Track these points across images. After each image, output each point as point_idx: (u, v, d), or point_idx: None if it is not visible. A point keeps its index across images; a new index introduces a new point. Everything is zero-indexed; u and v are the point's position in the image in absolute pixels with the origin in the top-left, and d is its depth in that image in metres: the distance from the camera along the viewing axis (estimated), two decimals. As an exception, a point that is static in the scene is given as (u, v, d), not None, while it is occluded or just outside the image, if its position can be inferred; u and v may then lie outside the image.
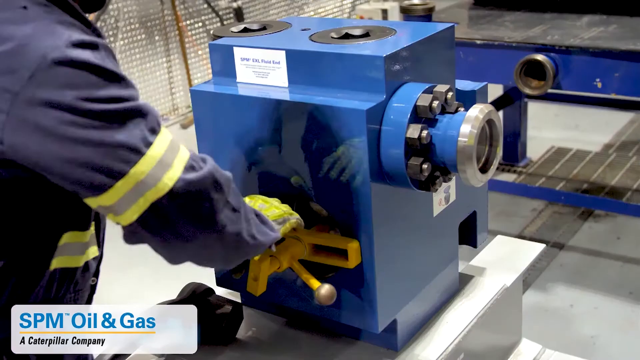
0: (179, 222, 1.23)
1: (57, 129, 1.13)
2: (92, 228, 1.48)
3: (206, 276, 1.86)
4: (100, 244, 1.55)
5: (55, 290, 1.43)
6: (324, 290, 1.60)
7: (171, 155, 1.23)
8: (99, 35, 1.30)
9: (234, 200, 1.33)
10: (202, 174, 1.26)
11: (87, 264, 1.50)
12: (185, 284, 1.93)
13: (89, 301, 1.59)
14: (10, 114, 1.13)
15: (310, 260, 1.72)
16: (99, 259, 1.56)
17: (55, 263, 1.40)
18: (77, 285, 1.49)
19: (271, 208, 1.59)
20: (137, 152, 1.18)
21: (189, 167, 1.25)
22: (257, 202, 1.62)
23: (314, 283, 1.63)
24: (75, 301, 1.49)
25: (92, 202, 1.23)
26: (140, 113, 1.20)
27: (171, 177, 1.21)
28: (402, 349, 1.84)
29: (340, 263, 1.67)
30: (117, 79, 1.19)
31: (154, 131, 1.22)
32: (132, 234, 1.26)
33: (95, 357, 1.75)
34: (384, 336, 1.81)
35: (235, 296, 2.00)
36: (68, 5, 1.26)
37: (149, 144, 1.19)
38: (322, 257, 1.71)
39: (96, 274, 1.57)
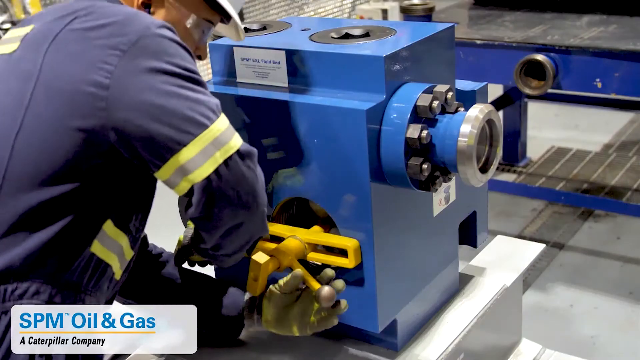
0: (245, 180, 1.42)
1: (154, 83, 1.35)
2: (130, 254, 1.55)
3: (206, 276, 1.87)
4: (126, 271, 1.60)
5: (88, 278, 1.46)
6: (324, 291, 1.60)
7: (233, 128, 1.45)
8: None
9: None
10: (250, 146, 1.46)
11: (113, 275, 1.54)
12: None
13: None
14: (117, 67, 1.35)
15: (310, 260, 1.72)
16: (119, 283, 1.60)
17: (95, 246, 1.46)
18: (101, 288, 1.51)
19: None
20: (214, 112, 1.41)
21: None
22: None
23: (314, 285, 1.63)
24: (96, 299, 1.52)
25: (170, 164, 1.37)
26: (208, 91, 1.44)
27: (237, 140, 1.43)
28: (402, 349, 1.84)
29: (340, 262, 1.67)
30: (192, 56, 1.44)
31: (219, 107, 1.45)
32: (204, 193, 1.39)
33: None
34: (384, 336, 1.82)
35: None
36: None
37: (220, 111, 1.43)
38: (322, 257, 1.71)
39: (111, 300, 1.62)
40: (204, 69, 6.81)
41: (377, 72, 1.60)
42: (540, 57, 3.35)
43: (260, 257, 1.64)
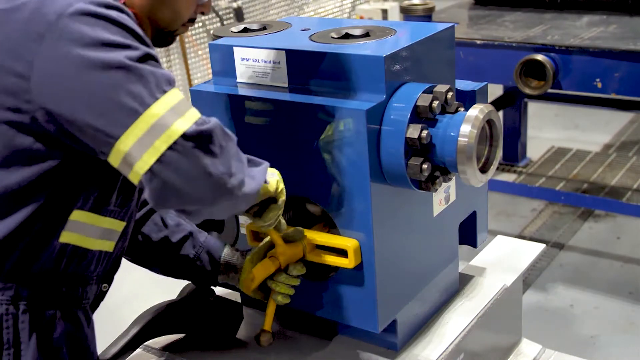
0: (195, 169, 1.29)
1: (76, 71, 1.24)
2: (122, 227, 1.51)
3: (206, 276, 1.87)
4: (123, 248, 1.58)
5: (65, 265, 1.44)
6: (265, 337, 1.69)
7: (183, 107, 1.32)
8: None
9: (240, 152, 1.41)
10: (211, 125, 1.33)
11: (103, 253, 1.51)
12: (185, 285, 1.93)
13: (96, 305, 1.59)
14: (36, 56, 1.24)
15: (310, 260, 1.72)
16: (115, 266, 1.58)
17: (65, 237, 1.42)
18: (89, 268, 1.49)
19: None
20: (151, 94, 1.27)
21: (200, 122, 1.32)
22: None
23: (266, 323, 1.72)
24: (84, 282, 1.50)
25: (114, 154, 1.29)
26: (156, 66, 1.31)
27: (182, 123, 1.29)
28: (402, 349, 1.84)
29: (340, 262, 1.67)
30: (137, 35, 1.29)
31: (169, 83, 1.32)
32: (151, 186, 1.30)
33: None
34: (384, 336, 1.81)
35: (235, 296, 2.00)
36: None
37: (163, 91, 1.29)
38: (322, 257, 1.71)
39: (109, 280, 1.59)
40: (204, 69, 6.82)
41: (377, 72, 1.60)
42: (540, 57, 3.35)
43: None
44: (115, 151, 1.29)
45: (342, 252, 1.67)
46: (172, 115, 1.29)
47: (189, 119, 1.31)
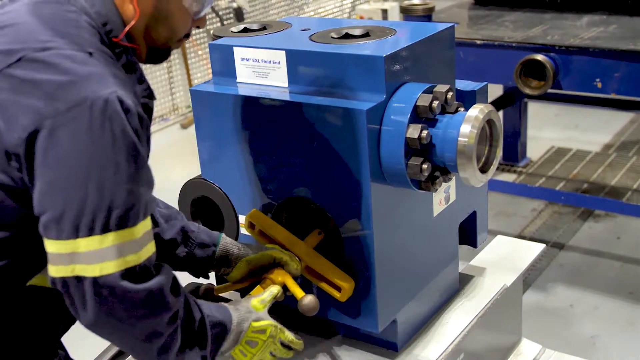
0: (90, 305, 1.29)
1: (57, 161, 1.23)
2: None
3: (206, 276, 1.86)
4: None
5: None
6: (307, 300, 1.62)
7: (122, 251, 1.28)
8: (150, 94, 1.45)
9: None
10: (136, 288, 1.30)
11: None
12: (186, 284, 1.93)
13: (64, 329, 1.58)
14: (33, 134, 1.23)
15: (304, 275, 1.73)
16: None
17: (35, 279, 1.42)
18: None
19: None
20: (90, 230, 1.26)
21: (130, 273, 1.30)
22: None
23: (298, 292, 1.66)
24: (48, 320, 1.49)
25: (43, 238, 1.30)
26: (127, 199, 1.27)
27: (104, 268, 1.27)
28: (402, 349, 1.84)
29: (331, 292, 1.68)
30: (133, 151, 1.27)
31: (125, 222, 1.28)
32: (53, 283, 1.32)
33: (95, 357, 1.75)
34: (384, 336, 1.82)
35: (235, 296, 2.00)
36: (130, 62, 1.41)
37: (106, 230, 1.26)
38: (314, 279, 1.72)
39: None
40: (204, 69, 6.82)
41: (377, 72, 1.60)
42: (540, 57, 3.35)
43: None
44: (44, 240, 1.30)
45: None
46: (98, 256, 1.27)
47: (117, 266, 1.28)
